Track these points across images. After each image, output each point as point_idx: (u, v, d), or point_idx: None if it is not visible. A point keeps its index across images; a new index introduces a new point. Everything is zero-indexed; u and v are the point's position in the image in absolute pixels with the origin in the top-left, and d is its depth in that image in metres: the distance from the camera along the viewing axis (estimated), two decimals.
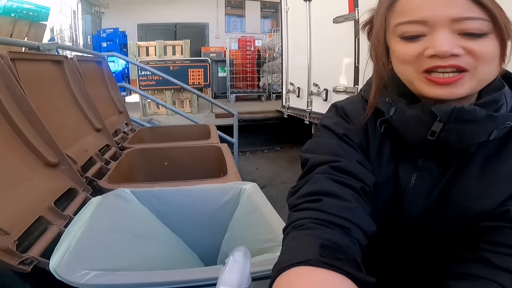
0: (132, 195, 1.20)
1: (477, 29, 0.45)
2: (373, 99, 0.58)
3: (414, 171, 0.56)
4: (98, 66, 2.43)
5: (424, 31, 0.47)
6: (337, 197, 0.49)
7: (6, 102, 1.04)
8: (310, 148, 0.61)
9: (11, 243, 0.80)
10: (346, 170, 0.53)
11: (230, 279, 0.42)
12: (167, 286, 0.69)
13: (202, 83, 4.91)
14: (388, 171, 0.58)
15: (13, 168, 0.99)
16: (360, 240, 0.46)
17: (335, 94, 3.37)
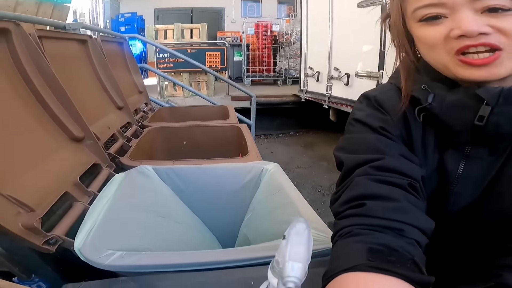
0: (154, 172, 1.20)
1: (500, 4, 0.42)
2: (404, 89, 0.55)
3: (462, 160, 0.52)
4: (120, 47, 2.44)
5: (444, 12, 0.45)
6: (382, 199, 0.46)
7: (34, 77, 1.04)
8: (344, 147, 0.58)
9: (36, 220, 0.76)
10: (389, 168, 0.49)
11: (299, 254, 0.36)
12: (194, 267, 0.67)
13: (219, 66, 4.96)
14: (434, 162, 0.54)
15: (40, 142, 0.99)
16: (419, 239, 0.43)
17: (357, 79, 3.31)
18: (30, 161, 0.90)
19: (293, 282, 0.34)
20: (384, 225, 0.43)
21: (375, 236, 0.42)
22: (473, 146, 0.51)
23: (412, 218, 0.44)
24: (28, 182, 0.85)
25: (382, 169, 0.49)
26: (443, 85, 0.51)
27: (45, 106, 1.06)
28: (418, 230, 0.44)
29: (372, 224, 0.43)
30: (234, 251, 0.75)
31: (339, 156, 0.56)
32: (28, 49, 1.06)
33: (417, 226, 0.44)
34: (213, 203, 1.27)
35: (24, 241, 0.73)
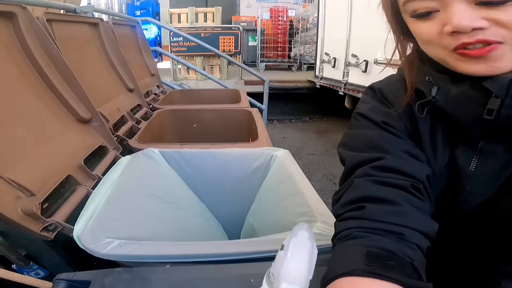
0: (161, 156, 1.18)
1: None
2: (408, 81, 0.50)
3: (475, 156, 0.47)
4: (133, 30, 2.42)
5: (436, 6, 0.40)
6: (382, 202, 0.43)
7: (41, 60, 1.03)
8: (346, 143, 0.54)
9: (36, 205, 0.73)
10: (391, 168, 0.46)
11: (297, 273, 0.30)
12: (193, 259, 0.65)
13: (233, 50, 4.88)
14: (444, 158, 0.49)
15: (45, 123, 0.98)
16: (420, 243, 0.41)
17: (376, 66, 3.21)
18: (33, 143, 0.89)
19: None
20: (384, 229, 0.41)
21: (374, 239, 0.40)
22: (486, 141, 0.46)
23: (414, 222, 0.42)
24: (30, 164, 0.83)
25: (383, 170, 0.46)
26: (448, 77, 0.46)
27: (52, 88, 1.05)
28: (419, 233, 0.42)
29: (371, 227, 0.41)
30: (236, 244, 0.72)
31: (341, 153, 0.54)
32: (35, 32, 1.04)
33: (419, 229, 0.42)
34: (219, 190, 1.24)
35: (21, 227, 0.70)
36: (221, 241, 0.92)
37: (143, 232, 0.81)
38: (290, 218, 0.89)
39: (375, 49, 3.22)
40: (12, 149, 0.80)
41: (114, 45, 1.75)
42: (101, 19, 1.73)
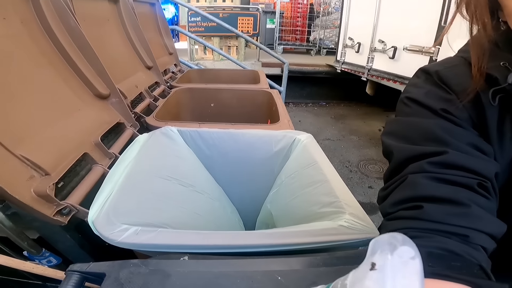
0: (178, 134, 1.14)
1: None
2: (477, 66, 0.44)
3: None
4: (152, 8, 2.37)
5: None
6: (443, 202, 0.38)
7: (60, 34, 0.99)
8: (395, 132, 0.48)
9: (49, 186, 0.68)
10: (453, 164, 0.40)
11: None
12: (213, 249, 0.61)
13: (251, 31, 4.83)
14: (510, 153, 0.44)
15: (63, 98, 0.94)
16: (486, 245, 0.37)
17: (406, 53, 3.08)
18: (49, 118, 0.84)
19: None
20: (446, 230, 0.37)
21: (435, 240, 0.36)
22: None
23: (480, 223, 0.37)
24: (45, 141, 0.78)
25: (444, 166, 0.40)
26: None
27: (70, 63, 1.01)
28: (486, 235, 0.38)
29: (431, 228, 0.37)
30: (259, 235, 0.66)
31: (389, 144, 0.47)
32: (55, 6, 1.00)
33: (486, 231, 0.38)
34: (237, 172, 1.20)
35: (34, 211, 0.66)
36: (244, 231, 0.87)
37: (159, 217, 0.77)
38: (314, 207, 0.83)
39: (406, 35, 3.10)
40: (26, 125, 0.76)
41: (134, 22, 1.71)
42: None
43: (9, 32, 0.84)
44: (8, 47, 0.82)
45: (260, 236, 0.64)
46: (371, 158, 3.50)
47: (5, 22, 0.83)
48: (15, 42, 0.85)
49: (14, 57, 0.82)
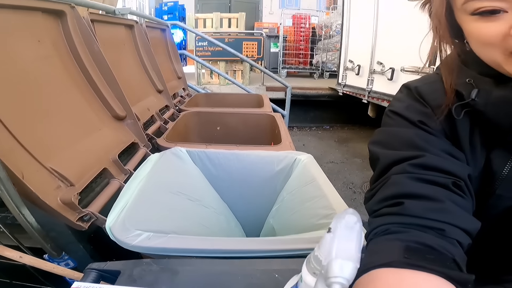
0: (187, 155, 1.22)
1: None
2: (447, 83, 0.50)
3: (510, 160, 0.47)
4: (162, 33, 2.51)
5: (504, 6, 0.39)
6: (422, 198, 0.43)
7: (85, 57, 1.10)
8: (380, 141, 0.53)
9: (74, 195, 0.77)
10: (431, 166, 0.45)
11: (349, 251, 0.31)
12: (218, 254, 0.68)
13: (256, 56, 4.95)
14: (481, 162, 0.49)
15: (86, 118, 1.05)
16: (461, 240, 0.41)
17: (403, 74, 3.15)
18: (74, 136, 0.95)
19: (340, 283, 0.29)
20: (424, 225, 0.40)
21: (413, 234, 0.40)
22: None
23: (455, 218, 0.41)
24: (71, 156, 0.88)
25: (422, 167, 0.45)
26: (491, 80, 0.45)
27: (93, 85, 1.12)
28: (460, 230, 0.41)
29: (410, 223, 0.41)
30: (260, 241, 0.73)
31: (375, 151, 0.52)
32: (81, 30, 1.12)
33: (460, 226, 0.41)
34: (242, 190, 1.27)
35: (59, 216, 0.75)
36: (246, 238, 0.94)
37: (169, 226, 0.84)
38: (313, 220, 0.90)
39: (402, 56, 3.16)
40: (55, 141, 0.87)
41: (147, 47, 1.84)
42: (135, 21, 1.82)
43: (43, 54, 0.96)
44: (42, 68, 0.94)
45: (261, 242, 0.71)
46: None
47: (40, 45, 0.95)
48: (47, 64, 0.96)
49: (47, 78, 0.94)
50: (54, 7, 1.02)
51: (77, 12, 1.10)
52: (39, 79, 0.90)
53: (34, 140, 0.78)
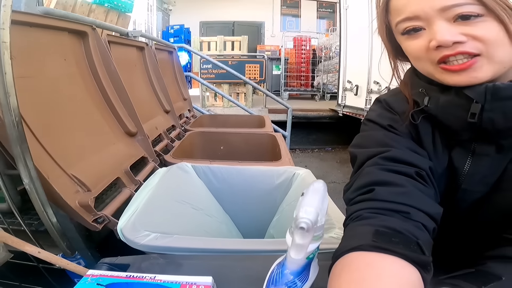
0: (192, 169, 1.31)
1: (469, 11, 0.44)
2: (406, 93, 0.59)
3: (469, 157, 0.53)
4: (170, 55, 2.65)
5: (422, 25, 0.48)
6: (390, 185, 0.49)
7: (102, 76, 1.21)
8: (357, 143, 0.62)
9: (90, 199, 0.87)
10: (397, 158, 0.53)
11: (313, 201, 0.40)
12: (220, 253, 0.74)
13: (258, 78, 5.03)
14: (444, 160, 0.56)
15: (102, 133, 1.15)
16: (425, 223, 0.46)
17: None
18: (92, 148, 1.05)
19: (305, 223, 0.38)
20: (391, 208, 0.46)
21: (382, 219, 0.45)
22: (478, 143, 0.52)
23: (418, 202, 0.47)
24: (89, 165, 0.99)
25: (390, 159, 0.53)
26: (437, 88, 0.53)
27: (108, 102, 1.22)
28: (424, 214, 0.47)
29: (379, 207, 0.47)
30: (259, 242, 0.81)
31: (353, 151, 0.61)
32: (100, 51, 1.24)
33: (424, 210, 0.47)
34: (243, 203, 1.34)
35: (77, 216, 0.84)
36: (246, 239, 1.00)
37: (174, 229, 0.90)
38: None
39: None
40: (76, 151, 0.98)
41: (156, 68, 1.96)
42: (146, 43, 1.94)
43: (68, 71, 1.08)
44: (67, 85, 1.06)
45: (260, 243, 0.79)
46: None
47: (66, 63, 1.07)
48: (71, 81, 1.09)
49: (71, 94, 1.06)
50: (78, 28, 1.14)
51: (97, 33, 1.22)
52: (65, 95, 1.02)
53: (58, 149, 0.89)
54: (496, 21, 0.44)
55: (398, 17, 0.51)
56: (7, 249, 0.79)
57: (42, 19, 1.00)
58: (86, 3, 3.21)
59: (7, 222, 0.86)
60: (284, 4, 9.78)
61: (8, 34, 0.69)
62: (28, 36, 0.94)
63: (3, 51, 0.68)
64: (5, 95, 0.69)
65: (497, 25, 0.44)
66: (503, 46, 0.45)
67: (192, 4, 9.48)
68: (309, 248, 0.42)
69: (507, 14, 0.44)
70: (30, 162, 0.74)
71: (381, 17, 0.55)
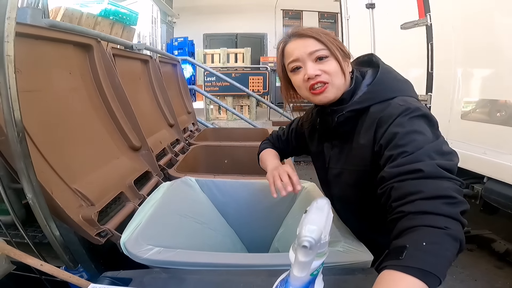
0: (196, 184, 1.30)
1: (322, 55, 0.76)
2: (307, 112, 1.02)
3: (331, 148, 0.88)
4: (174, 68, 2.67)
5: (300, 64, 0.78)
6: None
7: (107, 89, 1.22)
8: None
9: (94, 213, 0.87)
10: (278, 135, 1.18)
11: (316, 219, 0.41)
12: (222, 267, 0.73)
13: (261, 90, 5.04)
14: (319, 148, 0.93)
15: (106, 147, 1.15)
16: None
17: None
18: (96, 162, 1.05)
19: (307, 241, 0.38)
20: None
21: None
22: (334, 140, 0.87)
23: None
24: (93, 180, 0.98)
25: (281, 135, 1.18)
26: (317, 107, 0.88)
27: (113, 116, 1.23)
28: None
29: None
30: (262, 256, 0.80)
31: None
32: (105, 64, 1.24)
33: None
34: (247, 216, 1.33)
35: (81, 230, 0.84)
36: (249, 254, 0.99)
37: (177, 244, 0.89)
38: None
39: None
40: (80, 165, 0.97)
41: (160, 81, 1.97)
42: (150, 56, 1.96)
43: (73, 85, 1.08)
44: (72, 99, 1.06)
45: (264, 257, 0.78)
46: None
47: (71, 77, 1.08)
48: (76, 94, 1.09)
49: (75, 108, 1.06)
50: (83, 41, 1.16)
51: (102, 46, 1.23)
52: (69, 109, 1.03)
53: (62, 164, 0.89)
54: (335, 60, 0.76)
55: (288, 60, 0.80)
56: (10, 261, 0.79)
57: (48, 31, 1.01)
58: (92, 16, 3.28)
59: (11, 234, 0.86)
60: (286, 16, 9.93)
61: (12, 47, 0.68)
62: (34, 49, 0.95)
63: (7, 65, 0.67)
64: (9, 110, 0.68)
65: (336, 63, 0.76)
66: (339, 77, 0.77)
67: (196, 16, 9.66)
68: (313, 265, 0.42)
69: (341, 55, 0.77)
70: (33, 177, 0.73)
71: (279, 59, 0.84)
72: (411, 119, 0.67)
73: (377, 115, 0.72)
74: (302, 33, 0.78)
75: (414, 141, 0.63)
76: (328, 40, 0.76)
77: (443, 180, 0.56)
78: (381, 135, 0.69)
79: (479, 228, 2.88)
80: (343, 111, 0.78)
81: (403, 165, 0.60)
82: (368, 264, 0.77)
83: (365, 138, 0.75)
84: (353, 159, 0.79)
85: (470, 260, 2.52)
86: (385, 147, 0.67)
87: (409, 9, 2.93)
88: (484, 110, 2.26)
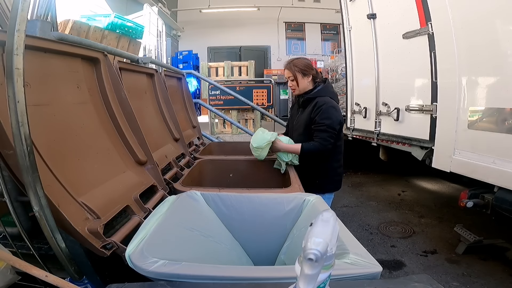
0: (202, 197, 1.30)
1: (292, 77, 2.02)
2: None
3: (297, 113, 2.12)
4: (179, 82, 2.70)
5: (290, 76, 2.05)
6: None
7: (113, 103, 1.23)
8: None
9: (100, 226, 0.87)
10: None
11: (322, 232, 0.40)
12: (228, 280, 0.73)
13: (266, 103, 5.05)
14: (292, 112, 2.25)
15: (113, 161, 1.16)
16: None
17: (409, 113, 3.13)
18: (103, 176, 1.06)
19: (313, 254, 0.38)
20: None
21: None
22: (300, 109, 2.10)
23: None
24: (99, 193, 0.99)
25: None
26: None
27: (119, 131, 1.24)
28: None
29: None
30: (268, 269, 0.79)
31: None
32: (111, 78, 1.25)
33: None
34: (253, 230, 1.32)
35: (86, 242, 0.84)
36: (255, 267, 0.97)
37: (183, 256, 0.89)
38: None
39: (406, 95, 3.17)
40: (87, 179, 0.98)
41: (165, 95, 1.99)
42: (156, 70, 1.98)
43: (81, 99, 1.09)
44: (79, 113, 1.07)
45: (269, 270, 0.77)
46: (392, 221, 3.48)
47: (79, 90, 1.09)
48: (84, 109, 1.10)
49: (82, 122, 1.07)
50: (91, 54, 1.17)
51: (109, 60, 1.24)
52: (76, 123, 1.04)
53: (69, 177, 0.90)
54: (296, 80, 2.02)
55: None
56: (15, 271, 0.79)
57: (56, 44, 1.02)
58: (99, 29, 3.34)
59: (18, 245, 0.87)
60: (289, 28, 10.08)
61: (21, 60, 0.67)
62: (43, 62, 0.96)
63: (16, 78, 0.66)
64: (17, 125, 0.68)
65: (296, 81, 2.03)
66: (300, 86, 2.03)
67: (200, 30, 9.87)
68: (319, 278, 0.41)
69: (301, 75, 2.01)
70: (40, 191, 0.74)
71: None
72: (327, 107, 1.89)
73: (316, 102, 1.92)
74: (284, 66, 2.07)
75: (325, 118, 1.87)
76: (294, 69, 1.99)
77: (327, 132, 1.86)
78: (315, 112, 1.90)
79: (492, 237, 2.84)
80: (304, 97, 1.99)
81: (317, 127, 1.87)
82: (377, 275, 0.76)
83: (310, 111, 1.93)
84: (304, 119, 1.97)
85: (484, 270, 2.47)
86: (313, 117, 1.90)
87: (410, 18, 2.94)
88: (491, 119, 2.24)
